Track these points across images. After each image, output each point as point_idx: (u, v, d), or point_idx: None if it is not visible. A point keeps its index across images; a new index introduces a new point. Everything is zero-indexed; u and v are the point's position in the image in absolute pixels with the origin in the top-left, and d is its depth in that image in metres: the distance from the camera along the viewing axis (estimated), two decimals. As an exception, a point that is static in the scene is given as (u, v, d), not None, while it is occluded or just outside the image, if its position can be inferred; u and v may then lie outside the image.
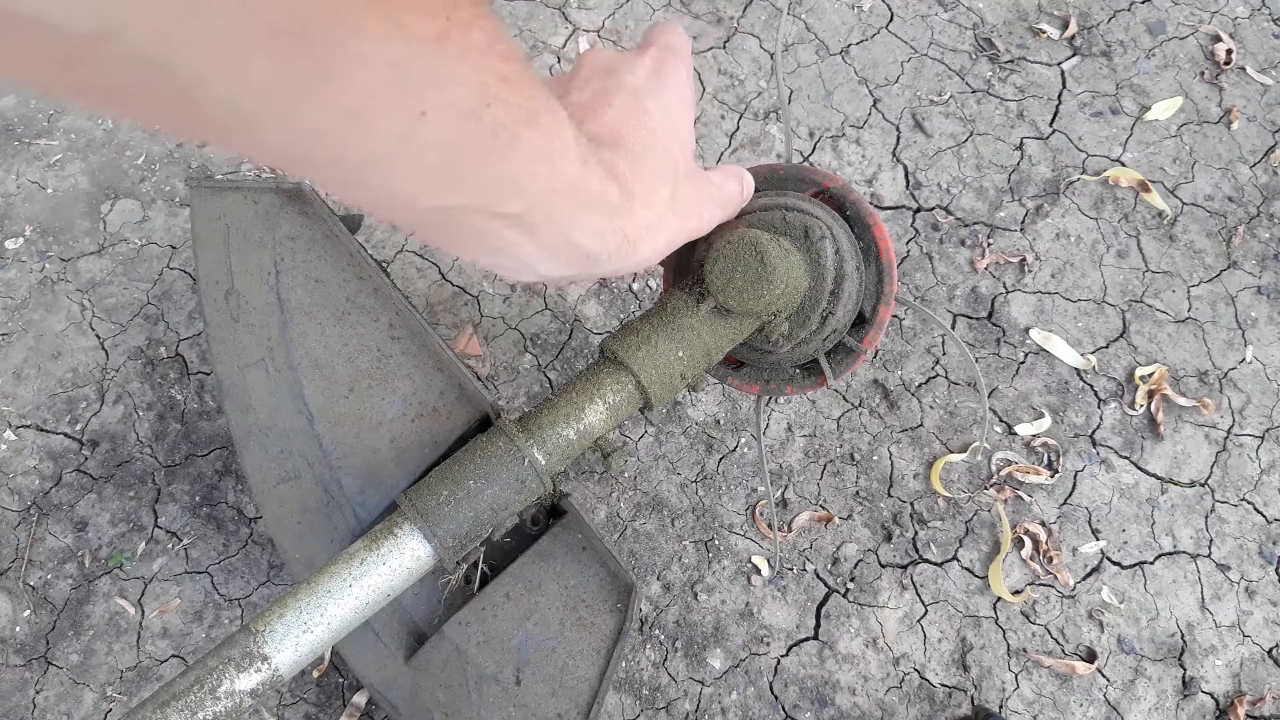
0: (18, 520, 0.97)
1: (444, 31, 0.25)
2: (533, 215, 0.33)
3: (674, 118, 0.44)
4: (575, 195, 0.34)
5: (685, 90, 0.46)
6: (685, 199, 0.44)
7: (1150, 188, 1.16)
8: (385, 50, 0.23)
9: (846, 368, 0.63)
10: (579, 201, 0.35)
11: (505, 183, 0.31)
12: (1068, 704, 0.95)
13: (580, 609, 0.75)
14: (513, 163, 0.30)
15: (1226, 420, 1.06)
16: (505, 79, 0.28)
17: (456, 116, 0.27)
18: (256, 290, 0.76)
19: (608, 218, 0.37)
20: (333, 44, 0.22)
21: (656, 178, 0.41)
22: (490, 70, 0.27)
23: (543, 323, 1.07)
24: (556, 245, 0.35)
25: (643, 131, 0.41)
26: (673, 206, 0.42)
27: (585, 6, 1.23)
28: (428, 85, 0.25)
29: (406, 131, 0.26)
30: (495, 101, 0.27)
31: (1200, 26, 1.26)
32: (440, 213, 0.31)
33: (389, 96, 0.24)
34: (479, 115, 0.27)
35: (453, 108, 0.26)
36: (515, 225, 0.33)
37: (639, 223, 0.39)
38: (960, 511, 1.01)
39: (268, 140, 0.25)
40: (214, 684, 0.50)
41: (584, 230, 0.36)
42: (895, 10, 1.25)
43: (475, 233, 0.33)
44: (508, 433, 0.56)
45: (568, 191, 0.34)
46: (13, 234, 1.08)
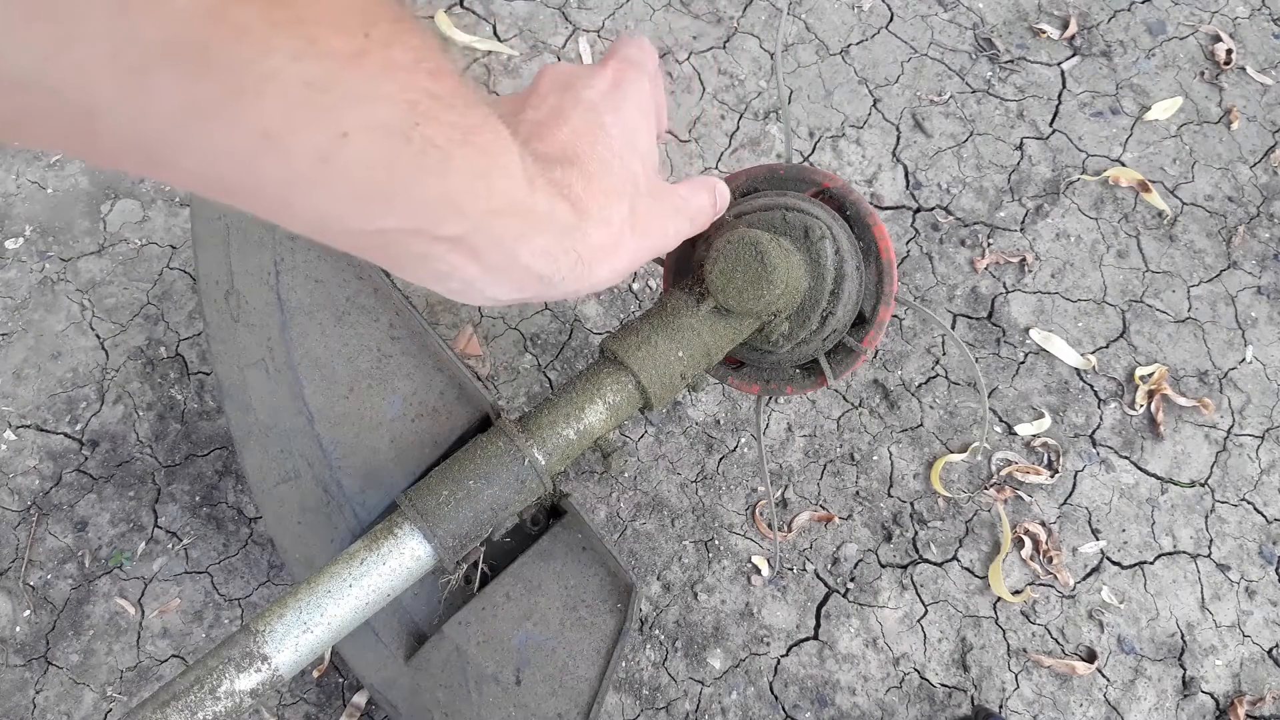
0: (18, 520, 0.97)
1: (362, 49, 0.24)
2: (475, 237, 0.31)
3: (634, 133, 0.43)
4: (521, 216, 0.33)
5: (645, 104, 0.45)
6: (646, 216, 0.42)
7: (1150, 188, 1.16)
8: (298, 68, 0.22)
9: (846, 368, 0.63)
10: (525, 222, 0.33)
11: (441, 204, 0.29)
12: (1068, 704, 0.95)
13: (580, 609, 0.75)
14: (448, 183, 0.29)
15: (1226, 420, 1.06)
16: (435, 96, 0.27)
17: (382, 135, 0.26)
18: (256, 290, 0.76)
19: (558, 238, 0.35)
20: (237, 62, 0.21)
21: (613, 195, 0.39)
22: (417, 88, 0.26)
23: (543, 323, 1.07)
24: (504, 268, 0.34)
25: (599, 148, 0.40)
26: (632, 224, 0.40)
27: (585, 6, 1.23)
28: (347, 104, 0.24)
29: (327, 152, 0.25)
30: (425, 120, 0.26)
31: (1200, 26, 1.26)
32: (374, 236, 0.29)
33: (305, 116, 0.23)
34: (407, 134, 0.26)
35: (377, 127, 0.25)
36: (457, 248, 0.31)
37: (594, 242, 0.38)
38: (960, 511, 1.01)
39: (181, 166, 0.24)
40: (214, 684, 0.50)
41: (533, 252, 0.34)
42: (895, 10, 1.25)
43: (415, 257, 0.31)
44: (508, 433, 0.56)
45: (512, 212, 0.32)
46: (13, 234, 1.08)
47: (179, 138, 0.22)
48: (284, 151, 0.24)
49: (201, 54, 0.21)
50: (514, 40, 1.21)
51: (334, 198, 0.27)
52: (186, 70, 0.21)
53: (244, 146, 0.23)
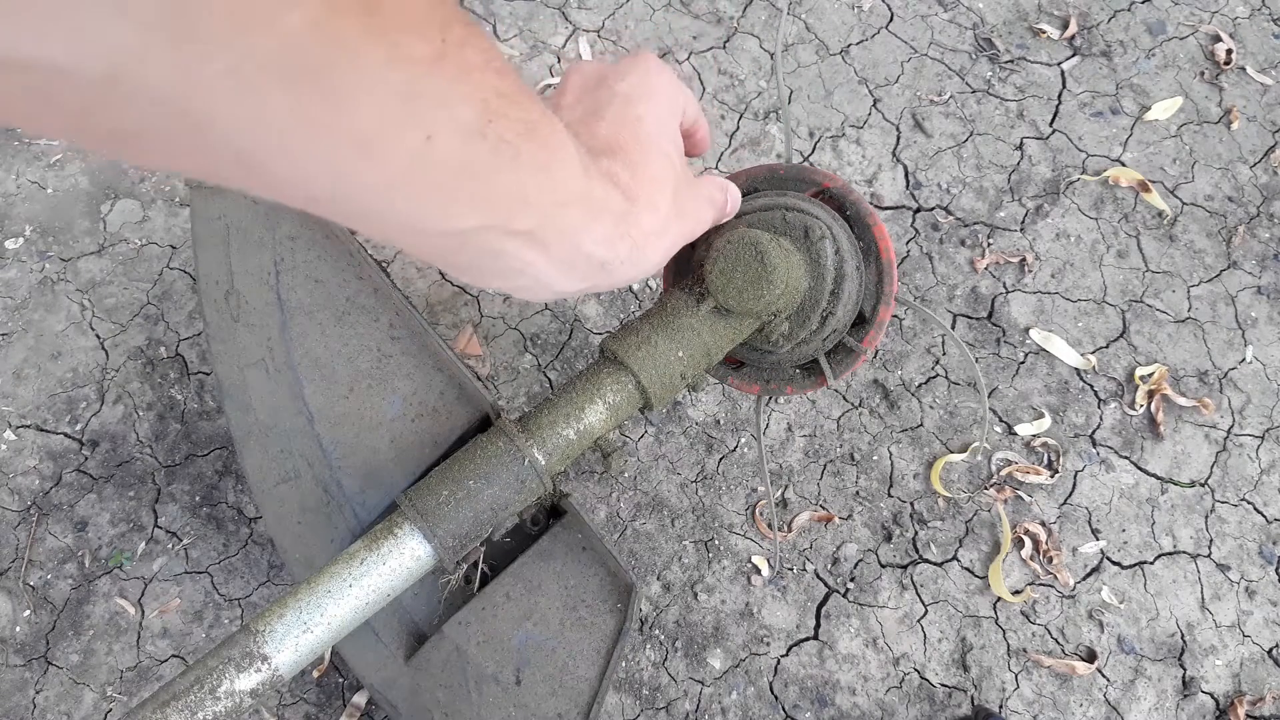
0: (18, 520, 0.97)
1: (440, 52, 0.25)
2: (544, 231, 0.33)
3: (665, 123, 0.44)
4: (582, 205, 0.35)
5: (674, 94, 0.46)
6: (686, 200, 0.44)
7: (1150, 188, 1.16)
8: (388, 75, 0.23)
9: (846, 368, 0.63)
10: (586, 211, 0.35)
11: (514, 198, 0.31)
12: (1068, 704, 0.95)
13: (580, 609, 0.75)
14: (519, 177, 0.30)
15: (1226, 420, 1.06)
16: (502, 94, 0.28)
17: (462, 136, 0.27)
18: (256, 290, 0.76)
19: (614, 225, 0.37)
20: (336, 72, 0.22)
21: (657, 182, 0.41)
22: (488, 87, 0.27)
23: (543, 323, 1.07)
24: (570, 259, 0.36)
25: (640, 138, 0.42)
26: (675, 209, 0.42)
27: (585, 6, 1.23)
28: (432, 107, 0.25)
29: (416, 155, 0.26)
30: (496, 117, 0.28)
31: (1200, 26, 1.26)
32: (456, 237, 0.31)
33: (396, 121, 0.25)
34: (483, 132, 0.27)
35: (457, 127, 0.26)
36: (529, 243, 0.33)
37: (645, 227, 0.40)
38: (960, 511, 1.01)
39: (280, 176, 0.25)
40: (214, 684, 0.50)
41: (594, 240, 0.36)
42: (895, 10, 1.25)
43: (491, 254, 0.33)
44: (508, 433, 0.56)
45: (574, 202, 0.34)
46: (13, 234, 1.08)
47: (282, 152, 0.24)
48: (378, 157, 0.25)
49: (307, 69, 0.22)
50: (514, 40, 1.21)
51: (421, 200, 0.28)
52: (294, 83, 0.22)
53: (341, 157, 0.24)
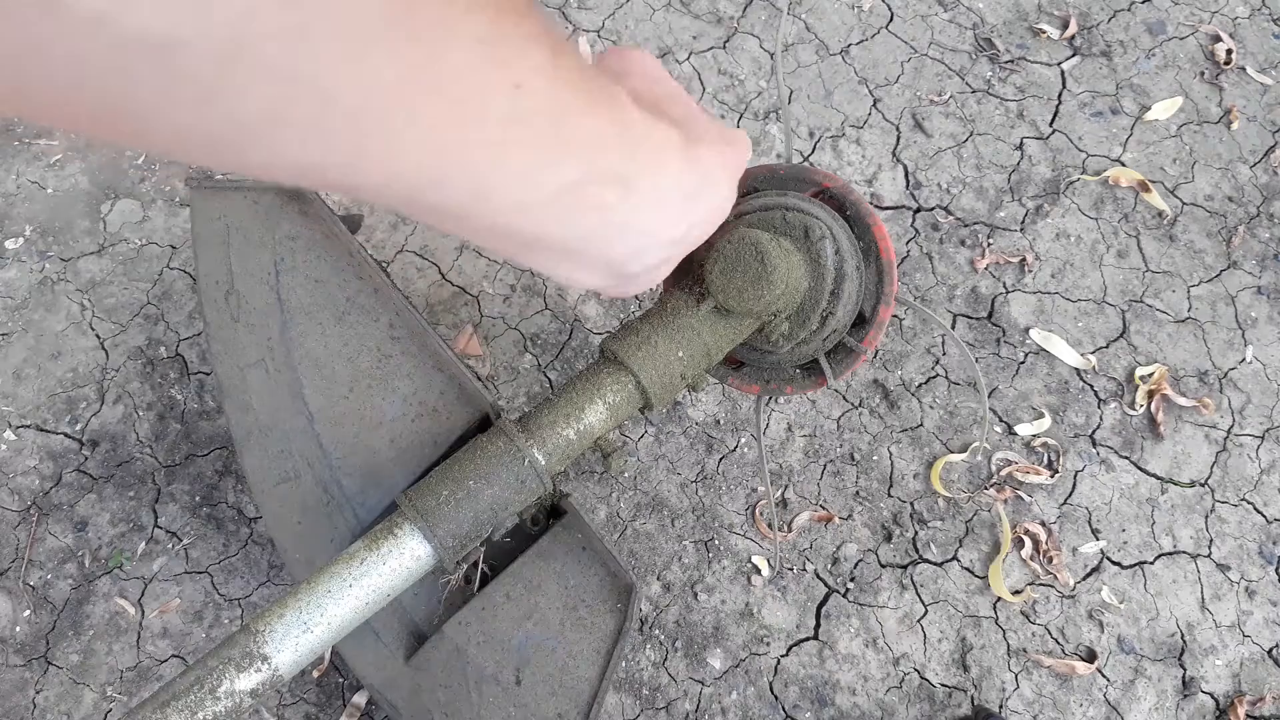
0: (18, 520, 0.97)
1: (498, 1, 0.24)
2: (630, 171, 0.33)
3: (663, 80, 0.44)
4: (651, 140, 0.34)
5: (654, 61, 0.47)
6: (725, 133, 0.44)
7: (1150, 188, 1.16)
8: (471, 24, 0.23)
9: (846, 368, 0.63)
10: (656, 145, 0.35)
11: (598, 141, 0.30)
12: (1068, 704, 0.95)
13: (580, 609, 0.75)
14: (596, 118, 0.30)
15: (1226, 420, 1.06)
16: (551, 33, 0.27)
17: (544, 80, 0.26)
18: (256, 290, 0.76)
19: (682, 155, 0.37)
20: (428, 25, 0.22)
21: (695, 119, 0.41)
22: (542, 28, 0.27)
23: (543, 323, 1.07)
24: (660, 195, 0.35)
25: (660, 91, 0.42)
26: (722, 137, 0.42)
27: (585, 6, 1.23)
28: (512, 52, 0.25)
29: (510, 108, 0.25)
30: (559, 55, 0.27)
31: (1200, 26, 1.26)
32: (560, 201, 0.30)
33: (486, 70, 0.24)
34: (555, 72, 0.27)
35: (538, 71, 0.26)
36: (625, 191, 0.33)
37: (705, 157, 0.39)
38: (960, 511, 1.01)
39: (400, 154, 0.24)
40: (214, 684, 0.50)
41: (672, 170, 0.36)
42: (895, 10, 1.25)
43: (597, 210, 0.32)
44: (508, 433, 0.56)
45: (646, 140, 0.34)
46: (13, 234, 1.08)
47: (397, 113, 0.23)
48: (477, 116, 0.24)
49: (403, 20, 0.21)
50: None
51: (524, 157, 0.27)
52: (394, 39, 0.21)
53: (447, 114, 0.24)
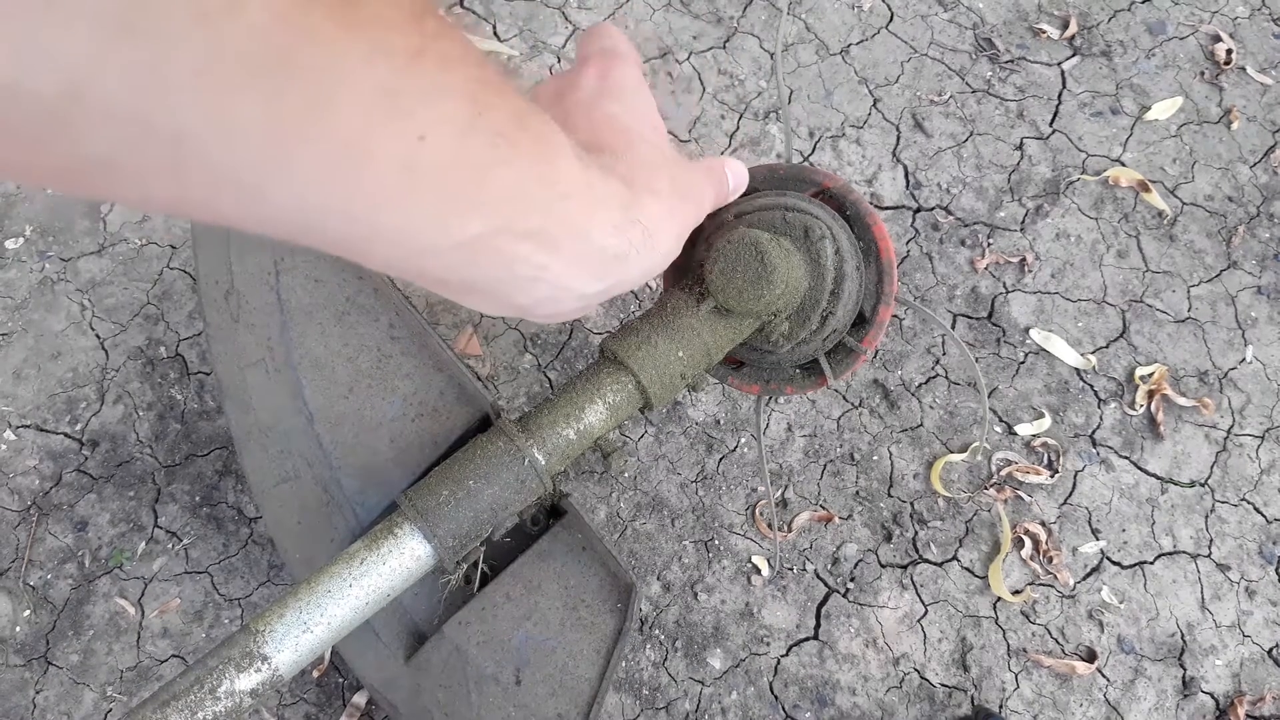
0: (18, 520, 0.97)
1: (420, 46, 0.23)
2: (552, 227, 0.31)
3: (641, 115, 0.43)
4: (585, 196, 0.33)
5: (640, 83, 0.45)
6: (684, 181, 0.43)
7: (1150, 188, 1.16)
8: (369, 72, 0.22)
9: (847, 368, 0.63)
10: (590, 201, 0.33)
11: (517, 195, 0.29)
12: (1068, 704, 0.95)
13: (580, 609, 0.75)
14: (518, 171, 0.29)
15: (1226, 420, 1.06)
16: (486, 84, 0.26)
17: (455, 132, 0.25)
18: (256, 290, 0.76)
19: (622, 212, 0.36)
20: (313, 70, 0.21)
21: (650, 167, 0.40)
22: (472, 78, 0.26)
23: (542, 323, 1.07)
24: (583, 254, 0.34)
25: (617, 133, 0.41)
26: (676, 190, 0.41)
27: (585, 6, 1.23)
28: (420, 103, 0.24)
29: (410, 157, 0.24)
30: (485, 110, 0.26)
31: (1200, 26, 1.26)
32: (464, 249, 0.29)
33: (383, 121, 0.23)
34: (475, 126, 0.26)
35: (449, 123, 0.25)
36: (540, 244, 0.31)
37: (651, 212, 0.38)
38: (960, 511, 1.01)
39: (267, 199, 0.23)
40: (214, 684, 0.50)
41: (604, 230, 0.34)
42: (895, 10, 1.25)
43: (504, 263, 0.31)
44: (508, 433, 0.56)
45: (577, 194, 0.33)
46: (13, 234, 1.08)
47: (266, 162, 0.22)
48: (368, 164, 0.23)
49: (280, 65, 0.20)
50: (514, 40, 1.21)
51: (421, 208, 0.26)
52: (267, 85, 0.20)
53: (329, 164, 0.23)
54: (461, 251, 0.29)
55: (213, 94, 0.19)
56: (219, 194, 0.22)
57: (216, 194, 0.22)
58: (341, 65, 0.21)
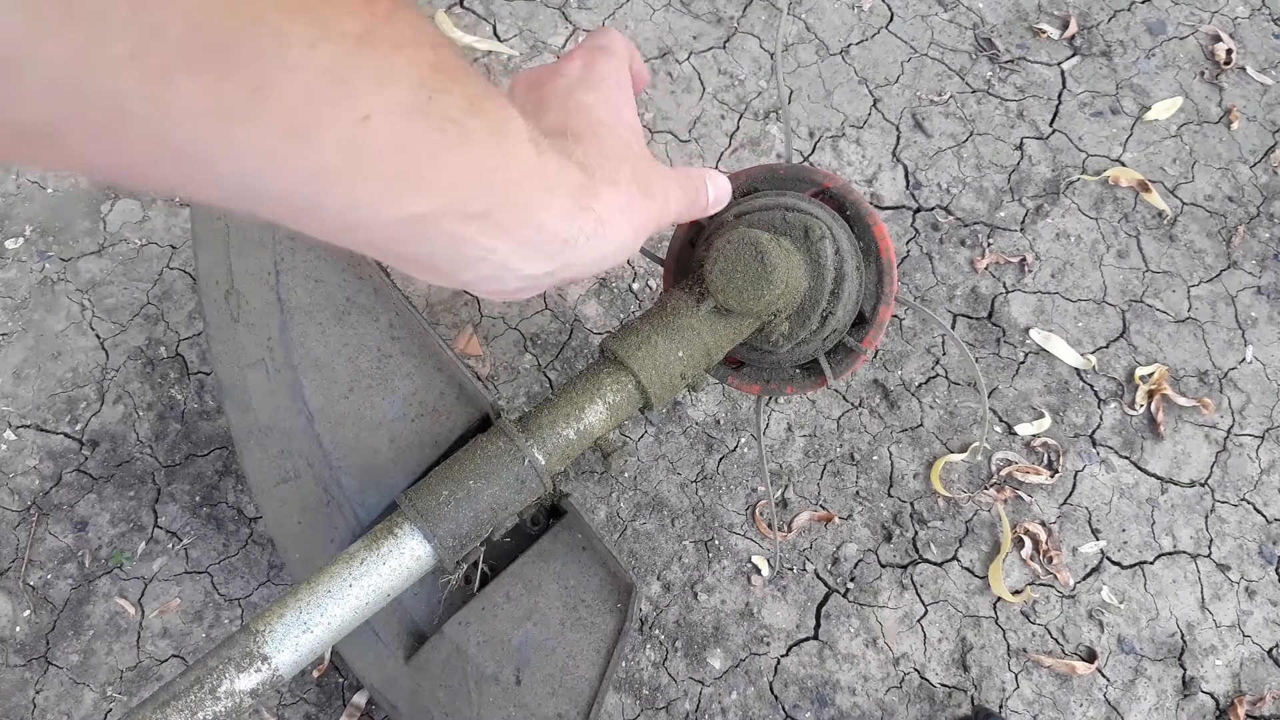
0: (18, 520, 0.97)
1: (369, 28, 0.23)
2: (500, 210, 0.31)
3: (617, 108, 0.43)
4: (537, 180, 0.33)
5: (623, 80, 0.45)
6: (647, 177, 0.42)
7: (1150, 188, 1.16)
8: (314, 55, 0.22)
9: (846, 368, 0.63)
10: (542, 186, 0.34)
11: (465, 178, 0.29)
12: (1068, 704, 0.95)
13: (580, 609, 0.75)
14: (468, 155, 0.29)
15: (1226, 420, 1.06)
16: (440, 69, 0.26)
17: (402, 114, 0.25)
18: (256, 290, 0.76)
19: (575, 197, 0.36)
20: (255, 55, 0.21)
21: (613, 158, 0.40)
22: (424, 62, 0.26)
23: (543, 323, 1.07)
24: (531, 238, 0.34)
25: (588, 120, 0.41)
26: (638, 184, 0.41)
27: (585, 6, 1.23)
28: (366, 85, 0.24)
29: (352, 138, 0.24)
30: (436, 93, 0.26)
31: (1200, 26, 1.26)
32: (408, 225, 0.29)
33: (326, 103, 0.23)
34: (424, 110, 0.26)
35: (395, 106, 0.25)
36: (486, 226, 0.31)
37: (607, 201, 0.38)
38: (960, 511, 1.01)
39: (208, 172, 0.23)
40: (214, 684, 0.50)
41: (554, 215, 0.34)
42: (895, 10, 1.25)
43: (448, 241, 0.31)
44: (508, 433, 0.56)
45: (528, 178, 0.33)
46: (13, 234, 1.08)
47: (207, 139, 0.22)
48: (310, 143, 0.24)
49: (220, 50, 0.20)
50: (514, 40, 1.21)
51: (364, 187, 0.26)
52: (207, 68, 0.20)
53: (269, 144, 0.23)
54: (406, 228, 0.29)
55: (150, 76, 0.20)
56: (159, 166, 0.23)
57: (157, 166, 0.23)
58: (283, 49, 0.21)
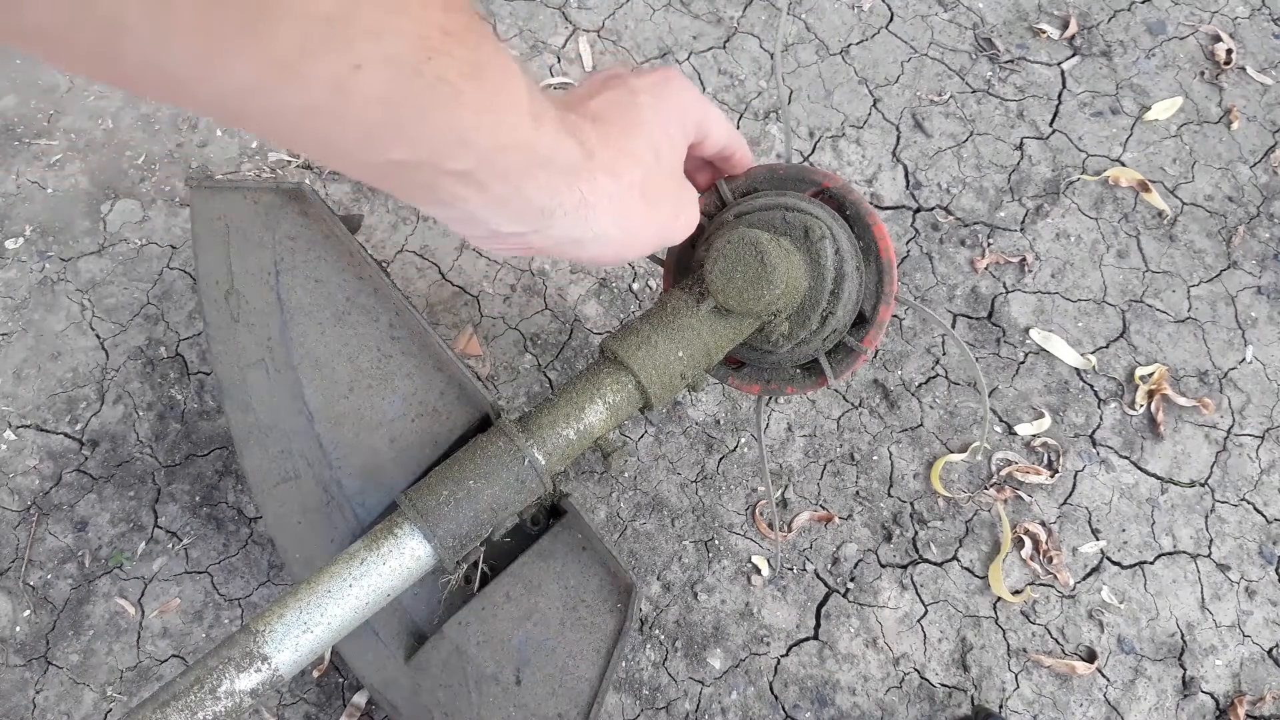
0: (18, 520, 0.97)
1: None
2: (481, 172, 0.32)
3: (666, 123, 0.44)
4: (525, 151, 0.34)
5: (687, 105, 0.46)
6: (659, 188, 0.43)
7: (1150, 188, 1.16)
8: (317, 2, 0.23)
9: (847, 367, 0.63)
10: (530, 158, 0.34)
11: (450, 138, 0.30)
12: (1068, 704, 0.95)
13: (580, 609, 0.75)
14: (457, 118, 0.29)
15: (1226, 420, 1.06)
16: (448, 32, 0.27)
17: (394, 69, 0.26)
18: (256, 290, 0.76)
19: (563, 175, 0.36)
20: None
21: (629, 155, 0.40)
22: (431, 23, 0.27)
23: (543, 323, 1.07)
24: (508, 199, 0.35)
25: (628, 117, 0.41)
26: (643, 190, 0.41)
27: (585, 6, 1.23)
28: (362, 36, 0.25)
29: (341, 84, 0.25)
30: (436, 55, 0.27)
31: (1200, 26, 1.26)
32: (384, 167, 0.30)
33: (320, 48, 0.24)
34: (418, 68, 0.27)
35: (389, 61, 0.26)
36: (463, 181, 0.32)
37: (600, 189, 0.39)
38: (960, 511, 1.01)
39: (199, 93, 0.24)
40: (214, 684, 0.50)
41: (537, 185, 0.35)
42: (895, 10, 1.25)
43: (422, 186, 0.32)
44: (508, 433, 0.56)
45: (517, 148, 0.33)
46: (13, 234, 1.08)
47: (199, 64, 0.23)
48: (300, 81, 0.25)
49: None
50: (514, 40, 1.21)
51: (346, 128, 0.27)
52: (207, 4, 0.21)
53: (260, 78, 0.24)
54: (384, 169, 0.30)
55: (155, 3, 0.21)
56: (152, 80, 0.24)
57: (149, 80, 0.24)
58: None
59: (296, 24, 0.23)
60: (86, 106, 1.15)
